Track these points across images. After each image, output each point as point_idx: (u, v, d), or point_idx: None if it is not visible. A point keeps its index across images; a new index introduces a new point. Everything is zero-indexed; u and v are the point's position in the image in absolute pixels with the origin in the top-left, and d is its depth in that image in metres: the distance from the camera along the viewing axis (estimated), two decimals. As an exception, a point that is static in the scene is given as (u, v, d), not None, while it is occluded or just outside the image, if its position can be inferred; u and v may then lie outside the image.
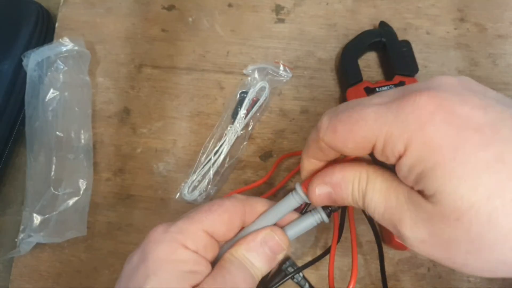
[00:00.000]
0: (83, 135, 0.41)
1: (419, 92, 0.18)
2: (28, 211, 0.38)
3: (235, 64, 0.45)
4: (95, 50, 0.46)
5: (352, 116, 0.20)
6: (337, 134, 0.21)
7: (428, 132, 0.18)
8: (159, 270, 0.23)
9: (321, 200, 0.24)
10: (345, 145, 0.21)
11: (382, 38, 0.42)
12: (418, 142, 0.18)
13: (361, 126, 0.20)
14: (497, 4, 0.46)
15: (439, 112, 0.18)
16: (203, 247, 0.24)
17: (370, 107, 0.20)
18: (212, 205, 0.26)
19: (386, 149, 0.19)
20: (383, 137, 0.19)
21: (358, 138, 0.20)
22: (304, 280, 0.37)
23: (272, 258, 0.26)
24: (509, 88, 0.43)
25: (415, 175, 0.19)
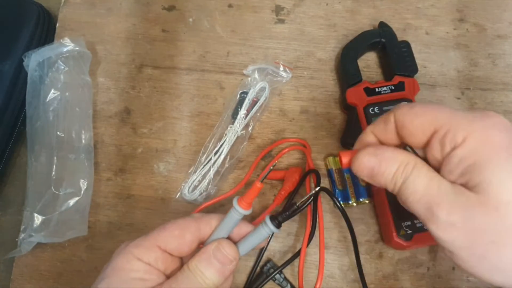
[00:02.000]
0: (84, 135, 0.41)
1: (487, 110, 0.23)
2: (29, 211, 0.39)
3: (235, 65, 0.45)
4: (96, 50, 0.46)
5: (434, 105, 0.24)
6: (411, 110, 0.24)
7: (489, 133, 0.21)
8: (112, 275, 0.27)
9: (363, 169, 0.26)
10: (413, 120, 0.24)
11: (381, 39, 0.42)
12: (478, 137, 0.21)
13: (435, 110, 0.23)
14: (496, 4, 0.46)
15: (501, 124, 0.22)
16: (154, 259, 0.28)
17: (449, 107, 0.24)
18: (167, 223, 0.30)
19: (446, 136, 0.22)
20: (448, 126, 0.22)
21: (428, 118, 0.23)
22: (285, 281, 0.37)
23: (221, 268, 0.28)
24: (509, 88, 0.43)
25: (464, 166, 0.21)
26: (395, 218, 0.36)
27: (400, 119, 0.24)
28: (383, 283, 0.38)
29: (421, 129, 0.23)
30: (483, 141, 0.21)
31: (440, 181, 0.23)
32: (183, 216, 0.39)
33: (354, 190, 0.39)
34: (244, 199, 0.29)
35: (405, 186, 0.24)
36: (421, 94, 0.42)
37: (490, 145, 0.21)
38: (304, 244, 0.35)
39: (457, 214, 0.21)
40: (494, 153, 0.21)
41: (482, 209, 0.20)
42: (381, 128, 0.26)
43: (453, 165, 0.22)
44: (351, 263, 0.38)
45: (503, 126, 0.22)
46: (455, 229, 0.21)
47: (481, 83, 0.44)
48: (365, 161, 0.25)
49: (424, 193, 0.23)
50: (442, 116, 0.23)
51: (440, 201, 0.22)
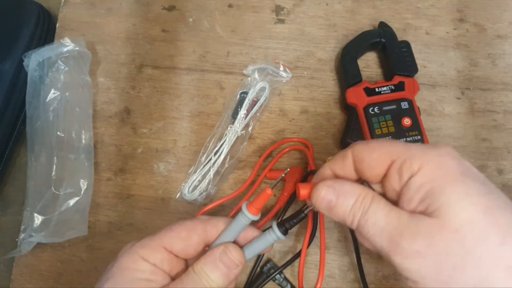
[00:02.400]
0: (84, 135, 0.41)
1: (439, 143, 0.24)
2: (29, 211, 0.39)
3: (235, 65, 0.45)
4: (96, 50, 0.46)
5: (388, 140, 0.26)
6: (368, 145, 0.25)
7: (442, 160, 0.23)
8: (118, 275, 0.27)
9: (320, 203, 0.26)
10: (371, 154, 0.25)
11: (381, 39, 0.42)
12: (433, 164, 0.22)
13: (391, 144, 0.25)
14: (496, 4, 0.46)
15: (452, 154, 0.23)
16: (160, 260, 0.28)
17: (401, 142, 0.25)
18: (174, 224, 0.30)
19: (403, 166, 0.23)
20: (404, 156, 0.23)
21: (384, 151, 0.24)
22: (285, 281, 0.37)
23: (227, 272, 0.28)
24: (509, 88, 0.43)
25: (422, 193, 0.22)
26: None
27: (358, 154, 0.25)
28: (383, 283, 0.38)
29: (379, 161, 0.24)
30: (438, 167, 0.22)
31: (399, 213, 0.23)
32: (183, 216, 0.40)
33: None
34: (253, 205, 0.29)
35: (365, 220, 0.24)
36: (421, 94, 0.42)
37: (445, 170, 0.22)
38: (305, 245, 0.35)
39: (420, 242, 0.22)
40: (449, 178, 0.22)
41: (443, 233, 0.21)
42: (339, 164, 0.27)
43: (412, 193, 0.23)
44: (351, 263, 0.38)
45: (454, 154, 0.23)
46: (420, 257, 0.22)
47: (481, 83, 0.44)
48: (323, 193, 0.26)
49: (385, 225, 0.23)
50: (398, 148, 0.24)
51: (402, 231, 0.22)
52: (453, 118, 0.43)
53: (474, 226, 0.20)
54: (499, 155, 0.41)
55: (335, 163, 0.27)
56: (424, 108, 0.43)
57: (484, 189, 0.22)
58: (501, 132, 0.42)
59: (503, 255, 0.20)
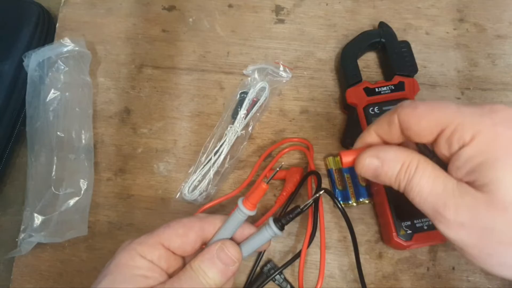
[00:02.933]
0: (84, 135, 0.41)
1: (496, 103, 0.22)
2: (29, 211, 0.39)
3: (235, 65, 0.45)
4: (96, 50, 0.46)
5: (438, 103, 0.23)
6: (416, 110, 0.23)
7: (498, 130, 0.21)
8: (115, 272, 0.27)
9: (366, 171, 0.26)
10: (419, 122, 0.23)
11: (381, 39, 0.42)
12: (486, 135, 0.21)
13: (441, 109, 0.23)
14: (496, 4, 0.46)
15: (510, 120, 0.21)
16: (157, 257, 0.28)
17: (454, 103, 0.23)
18: (171, 222, 0.30)
19: (454, 135, 0.22)
20: (455, 124, 0.22)
21: (434, 118, 0.23)
22: (285, 281, 0.37)
23: (224, 269, 0.28)
24: (509, 88, 0.43)
25: (472, 165, 0.21)
26: (395, 218, 0.36)
27: (405, 120, 0.24)
28: (383, 283, 0.38)
29: (428, 130, 0.23)
30: (491, 139, 0.21)
31: (446, 180, 0.22)
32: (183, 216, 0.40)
33: (354, 190, 0.39)
34: (249, 200, 0.29)
35: (410, 187, 0.24)
36: (421, 94, 0.42)
37: (499, 143, 0.21)
38: (305, 245, 0.35)
39: (465, 214, 0.21)
40: (502, 153, 0.20)
41: (490, 210, 0.20)
42: (385, 129, 0.26)
43: (460, 163, 0.22)
44: (351, 263, 0.38)
45: (511, 116, 0.21)
46: (464, 229, 0.21)
47: (481, 83, 0.44)
48: (367, 163, 0.26)
49: (430, 193, 0.23)
50: (448, 114, 0.22)
51: (446, 201, 0.22)
52: (453, 118, 0.43)
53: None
54: (499, 155, 0.41)
55: (380, 127, 0.26)
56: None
57: None
58: (501, 132, 0.42)
59: None
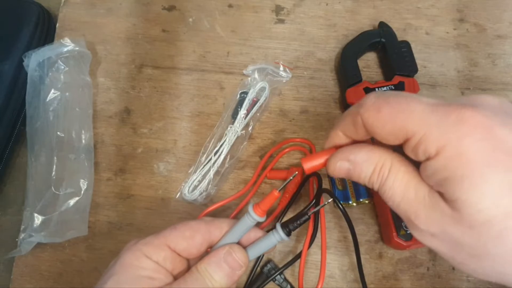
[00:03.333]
0: (84, 135, 0.41)
1: (464, 106, 0.19)
2: (29, 211, 0.39)
3: (235, 65, 0.45)
4: (96, 50, 0.46)
5: (401, 104, 0.21)
6: (379, 115, 0.22)
7: (464, 145, 0.19)
8: (121, 272, 0.27)
9: (339, 173, 0.25)
10: (382, 128, 0.22)
11: (381, 39, 0.42)
12: (451, 150, 0.19)
13: (405, 116, 0.21)
14: (496, 4, 0.46)
15: (479, 129, 0.19)
16: (163, 258, 0.28)
17: (420, 104, 0.21)
18: (178, 224, 0.30)
19: (419, 147, 0.20)
20: (420, 135, 0.20)
21: (398, 126, 0.21)
22: (285, 282, 0.37)
23: (231, 273, 0.28)
24: (509, 88, 0.43)
25: (438, 179, 0.20)
26: (395, 218, 0.36)
27: (368, 124, 0.22)
28: (383, 283, 0.38)
29: (393, 136, 0.21)
30: (456, 155, 0.19)
31: (418, 187, 0.22)
32: (183, 216, 0.40)
33: (354, 190, 0.39)
34: (260, 206, 0.29)
35: (383, 191, 0.23)
36: (421, 94, 0.42)
37: (464, 159, 0.19)
38: (305, 246, 0.34)
39: (435, 227, 0.21)
40: (467, 170, 0.19)
41: (458, 226, 0.20)
42: (351, 130, 0.24)
43: (428, 174, 0.21)
44: (351, 263, 0.38)
45: (481, 130, 0.19)
46: (435, 239, 0.21)
47: (481, 83, 0.44)
48: (338, 166, 0.25)
49: (402, 199, 0.22)
50: (413, 123, 0.20)
51: (417, 211, 0.21)
52: (453, 118, 0.43)
53: (492, 227, 0.19)
54: (499, 155, 0.41)
55: (346, 127, 0.25)
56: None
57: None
58: (501, 132, 0.42)
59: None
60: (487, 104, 0.20)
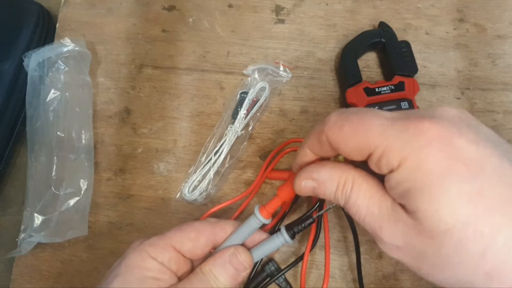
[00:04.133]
0: (84, 135, 0.41)
1: (423, 118, 0.20)
2: (29, 211, 0.39)
3: (235, 65, 0.45)
4: (96, 50, 0.46)
5: (362, 120, 0.22)
6: (341, 132, 0.22)
7: (423, 156, 0.19)
8: (126, 273, 0.27)
9: (305, 192, 0.26)
10: (346, 144, 0.22)
11: (381, 39, 0.42)
12: (412, 162, 0.20)
13: (366, 132, 0.21)
14: (496, 4, 0.46)
15: (437, 140, 0.19)
16: (168, 259, 0.28)
17: (379, 119, 0.21)
18: (183, 224, 0.30)
19: (381, 160, 0.21)
20: (382, 149, 0.21)
21: (360, 142, 0.21)
22: (285, 282, 0.37)
23: (235, 274, 0.28)
24: (509, 88, 0.43)
25: (401, 190, 0.21)
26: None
27: (333, 141, 0.23)
28: (383, 283, 0.38)
29: (357, 152, 0.22)
30: (416, 166, 0.20)
31: (381, 200, 0.22)
32: (183, 216, 0.40)
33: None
34: (266, 209, 0.29)
35: (348, 207, 0.23)
36: (421, 94, 0.42)
37: (424, 171, 0.19)
38: (308, 249, 0.34)
39: (399, 240, 0.21)
40: (427, 181, 0.19)
41: (419, 237, 0.20)
42: (317, 147, 0.25)
43: (391, 186, 0.21)
44: (351, 263, 0.38)
45: (439, 141, 0.19)
46: (400, 251, 0.22)
47: (481, 83, 0.44)
48: (303, 185, 0.25)
49: (366, 213, 0.22)
50: (373, 138, 0.21)
51: (381, 225, 0.22)
52: (453, 118, 0.43)
53: (452, 236, 0.19)
54: (499, 155, 0.41)
55: (313, 145, 0.25)
56: (424, 108, 0.43)
57: (473, 191, 0.19)
58: (501, 132, 0.42)
59: (482, 262, 0.19)
60: (445, 115, 0.21)
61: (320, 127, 0.24)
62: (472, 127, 0.21)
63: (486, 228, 0.19)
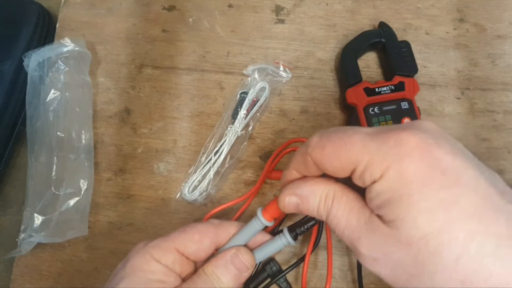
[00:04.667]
0: (84, 135, 0.41)
1: (402, 130, 0.21)
2: (29, 211, 0.39)
3: (235, 65, 0.45)
4: (96, 50, 0.46)
5: (342, 138, 0.22)
6: (324, 152, 0.23)
7: (404, 165, 0.20)
8: (131, 276, 0.27)
9: (289, 209, 0.26)
10: (330, 163, 0.23)
11: (381, 39, 0.42)
12: (393, 172, 0.20)
13: (348, 149, 0.22)
14: (496, 4, 0.46)
15: (417, 150, 0.20)
16: (172, 261, 0.28)
17: (359, 134, 0.22)
18: (186, 226, 0.30)
19: (365, 173, 0.21)
20: (364, 163, 0.21)
21: (343, 159, 0.22)
22: (285, 282, 0.37)
23: (237, 275, 0.29)
24: (509, 88, 0.43)
25: (381, 200, 0.21)
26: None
27: (317, 161, 0.24)
28: (383, 283, 0.38)
29: (341, 169, 0.23)
30: (397, 176, 0.20)
31: (359, 213, 0.23)
32: (183, 217, 0.40)
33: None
34: (268, 211, 0.29)
35: (329, 220, 0.24)
36: (421, 94, 0.42)
37: (404, 180, 0.20)
38: (309, 250, 0.34)
39: (377, 251, 0.22)
40: (408, 189, 0.20)
41: (396, 246, 0.21)
42: (303, 168, 0.26)
43: (372, 196, 0.22)
44: (351, 263, 0.38)
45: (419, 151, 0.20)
46: (378, 263, 0.22)
47: (481, 83, 0.44)
48: (287, 202, 0.26)
49: (346, 226, 0.23)
50: (355, 154, 0.22)
51: (360, 236, 0.22)
52: (453, 118, 0.43)
53: (428, 243, 0.19)
54: (499, 155, 0.41)
55: (299, 166, 0.26)
56: (424, 108, 0.43)
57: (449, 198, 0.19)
58: (501, 132, 0.42)
59: (457, 269, 0.19)
60: (424, 128, 0.22)
61: (303, 149, 0.24)
62: (448, 141, 0.21)
63: (460, 234, 0.19)
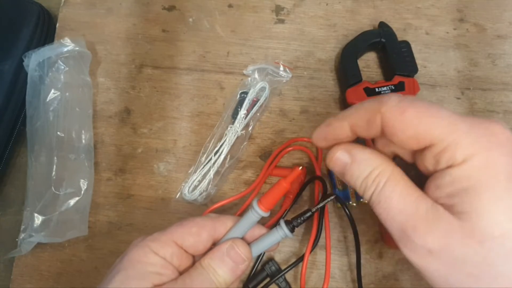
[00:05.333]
0: (84, 135, 0.41)
1: (493, 121, 0.20)
2: (29, 211, 0.39)
3: (235, 65, 0.45)
4: (96, 50, 0.46)
5: (429, 109, 0.20)
6: (402, 116, 0.20)
7: (493, 156, 0.18)
8: (129, 268, 0.27)
9: (335, 165, 0.24)
10: (405, 130, 0.20)
11: (381, 39, 0.42)
12: (479, 160, 0.18)
13: (433, 121, 0.20)
14: (496, 4, 0.46)
15: (508, 144, 0.19)
16: (170, 254, 0.28)
17: (447, 111, 0.20)
18: (184, 220, 0.30)
19: (443, 153, 0.19)
20: (447, 142, 0.19)
21: (422, 130, 0.20)
22: (285, 282, 0.37)
23: (234, 267, 0.28)
24: (509, 88, 0.43)
25: (455, 188, 0.19)
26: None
27: (389, 125, 0.21)
28: (383, 283, 0.38)
29: (414, 141, 0.20)
30: (484, 165, 0.18)
31: (419, 200, 0.20)
32: (183, 216, 0.40)
33: (354, 190, 0.39)
34: (264, 202, 0.29)
35: (377, 200, 0.21)
36: (421, 94, 0.42)
37: (491, 171, 0.18)
38: (308, 249, 0.34)
39: (436, 241, 0.19)
40: (493, 181, 0.18)
41: (464, 239, 0.19)
42: (363, 127, 0.23)
43: (443, 183, 0.19)
44: (351, 263, 0.38)
45: (510, 145, 0.19)
46: (431, 256, 0.20)
47: (481, 83, 0.44)
48: (337, 155, 0.24)
49: (399, 212, 0.21)
50: (441, 128, 0.19)
51: (417, 224, 0.20)
52: (453, 118, 0.43)
53: (503, 243, 0.18)
54: (499, 155, 0.41)
55: (358, 124, 0.23)
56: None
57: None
58: (501, 132, 0.42)
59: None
60: (504, 125, 0.20)
61: (374, 106, 0.21)
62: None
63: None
